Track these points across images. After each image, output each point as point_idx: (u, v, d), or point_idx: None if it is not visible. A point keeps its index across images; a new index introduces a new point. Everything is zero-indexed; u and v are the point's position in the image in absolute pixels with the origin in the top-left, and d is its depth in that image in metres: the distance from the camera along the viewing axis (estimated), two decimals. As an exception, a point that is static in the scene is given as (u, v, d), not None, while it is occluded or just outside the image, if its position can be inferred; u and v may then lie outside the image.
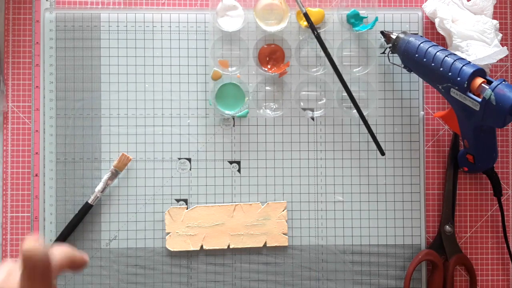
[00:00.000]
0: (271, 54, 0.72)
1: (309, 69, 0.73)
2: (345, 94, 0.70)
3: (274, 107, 0.72)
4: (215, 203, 0.72)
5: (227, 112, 0.71)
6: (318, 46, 0.69)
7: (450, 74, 0.62)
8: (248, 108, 0.72)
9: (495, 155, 0.69)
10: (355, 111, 0.70)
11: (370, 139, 0.71)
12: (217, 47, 0.72)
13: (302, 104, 0.72)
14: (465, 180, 0.74)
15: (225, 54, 0.72)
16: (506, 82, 0.60)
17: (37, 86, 0.71)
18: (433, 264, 0.71)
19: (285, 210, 0.71)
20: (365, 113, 0.70)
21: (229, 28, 0.71)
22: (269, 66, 0.72)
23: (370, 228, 0.72)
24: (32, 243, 0.36)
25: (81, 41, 0.72)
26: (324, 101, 0.72)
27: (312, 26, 0.69)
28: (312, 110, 0.73)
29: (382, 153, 0.71)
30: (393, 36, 0.68)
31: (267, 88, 0.72)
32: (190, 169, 0.71)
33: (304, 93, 0.73)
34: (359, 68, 0.73)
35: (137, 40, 0.72)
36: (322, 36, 0.70)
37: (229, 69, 0.72)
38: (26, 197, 0.71)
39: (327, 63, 0.69)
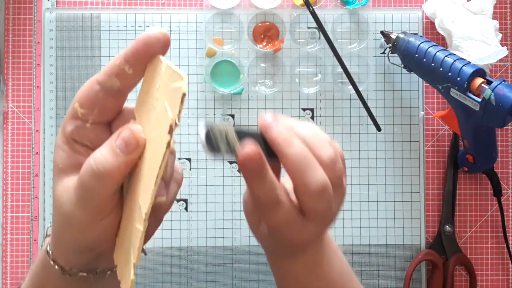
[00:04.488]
0: (266, 32, 0.72)
1: (304, 45, 0.73)
2: (340, 69, 0.70)
3: (269, 84, 0.73)
4: (215, 203, 0.72)
5: (222, 89, 0.71)
6: (313, 23, 0.70)
7: (450, 74, 0.62)
8: (243, 85, 0.72)
9: (495, 155, 0.69)
10: (351, 87, 0.70)
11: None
12: (212, 25, 0.72)
13: (297, 80, 0.73)
14: (465, 180, 0.74)
15: (219, 32, 0.72)
16: (506, 82, 0.60)
17: (38, 86, 0.71)
18: (433, 264, 0.71)
19: None
20: (360, 88, 0.70)
21: (223, 5, 0.71)
22: (264, 43, 0.72)
23: (370, 228, 0.72)
24: None
25: (81, 41, 0.72)
26: (319, 77, 0.73)
27: (307, 2, 0.69)
28: (312, 110, 0.73)
29: (378, 129, 0.71)
30: (393, 36, 0.68)
31: (262, 65, 0.72)
32: (190, 169, 0.72)
33: (299, 69, 0.73)
34: (354, 44, 0.73)
35: (137, 40, 0.72)
36: (317, 12, 0.70)
37: (224, 46, 0.72)
38: (26, 197, 0.71)
39: (322, 39, 0.70)
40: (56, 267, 0.39)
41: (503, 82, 0.60)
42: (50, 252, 0.39)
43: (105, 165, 0.34)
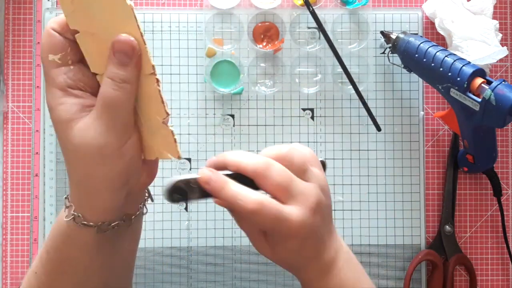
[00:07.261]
0: (266, 32, 0.72)
1: (304, 45, 0.73)
2: (340, 70, 0.70)
3: (269, 84, 0.72)
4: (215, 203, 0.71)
5: (221, 89, 0.71)
6: (313, 23, 0.70)
7: (450, 74, 0.62)
8: (243, 85, 0.72)
9: (495, 155, 0.69)
10: (351, 87, 0.70)
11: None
12: (212, 25, 0.72)
13: (297, 80, 0.73)
14: (465, 180, 0.74)
15: (219, 32, 0.72)
16: (506, 82, 0.60)
17: (38, 86, 0.71)
18: (433, 264, 0.71)
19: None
20: (360, 88, 0.70)
21: (223, 5, 0.71)
22: (264, 43, 0.72)
23: (370, 228, 0.72)
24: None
25: (81, 41, 0.72)
26: (319, 77, 0.73)
27: (307, 2, 0.69)
28: (312, 110, 0.73)
29: (378, 129, 0.71)
30: (393, 36, 0.68)
31: (262, 65, 0.72)
32: (190, 169, 0.71)
33: (299, 69, 0.73)
34: (354, 44, 0.73)
35: (137, 40, 0.72)
36: (317, 12, 0.70)
37: (224, 46, 0.72)
38: (26, 197, 0.71)
39: (322, 39, 0.70)
40: (87, 226, 0.41)
41: (503, 82, 0.60)
42: (80, 215, 0.42)
43: (122, 75, 0.38)
